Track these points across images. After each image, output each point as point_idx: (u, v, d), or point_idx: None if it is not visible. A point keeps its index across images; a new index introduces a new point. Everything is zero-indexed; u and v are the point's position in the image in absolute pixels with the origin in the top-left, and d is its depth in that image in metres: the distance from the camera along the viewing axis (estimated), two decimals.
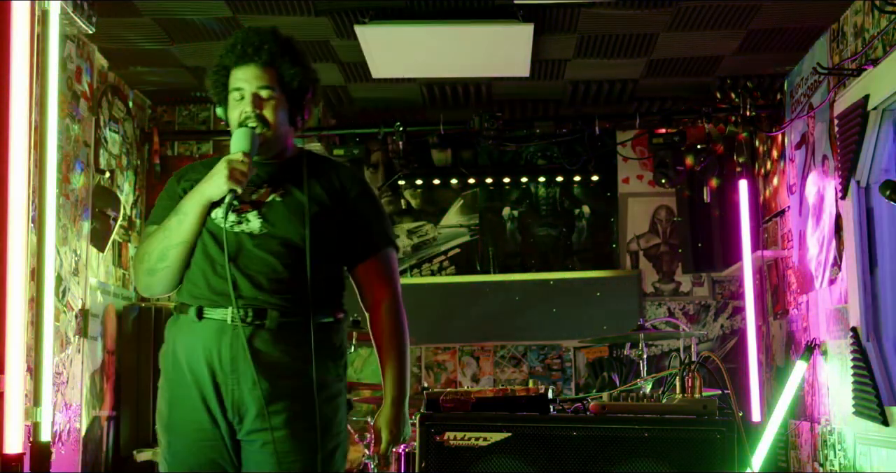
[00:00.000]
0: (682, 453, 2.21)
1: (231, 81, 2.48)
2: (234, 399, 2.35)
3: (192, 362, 2.38)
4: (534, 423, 2.26)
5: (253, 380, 2.32)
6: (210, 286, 2.39)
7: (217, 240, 2.40)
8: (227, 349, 2.35)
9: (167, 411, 2.43)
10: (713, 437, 2.22)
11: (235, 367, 2.35)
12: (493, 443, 2.23)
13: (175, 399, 2.41)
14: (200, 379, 2.37)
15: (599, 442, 2.23)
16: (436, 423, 2.24)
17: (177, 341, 2.43)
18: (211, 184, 2.38)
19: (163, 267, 2.42)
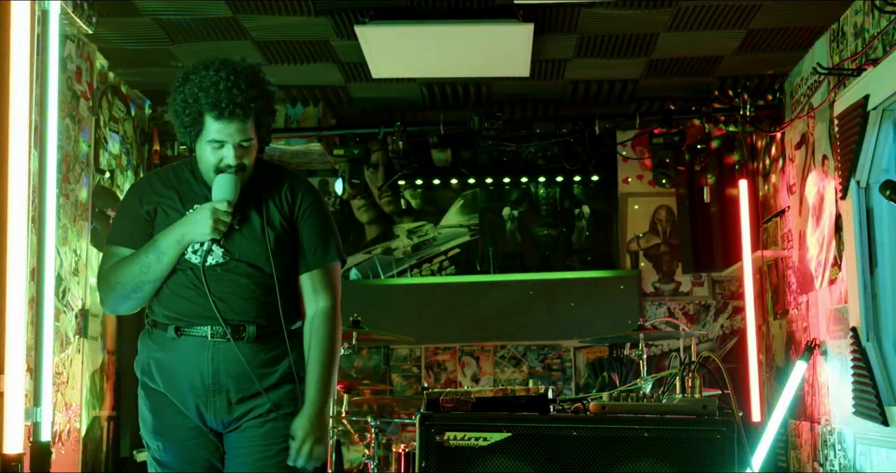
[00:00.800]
0: (682, 453, 2.21)
1: (209, 131, 2.52)
2: (217, 407, 2.54)
3: (172, 375, 2.56)
4: (534, 423, 2.26)
5: (236, 388, 2.53)
6: (187, 308, 2.55)
7: (190, 271, 2.55)
8: (207, 363, 2.52)
9: (151, 418, 2.59)
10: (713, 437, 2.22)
11: (217, 380, 2.53)
12: (493, 443, 2.23)
13: (157, 406, 2.58)
14: (181, 390, 2.55)
15: (599, 442, 2.23)
16: (436, 423, 2.24)
17: (152, 355, 2.59)
18: (193, 230, 2.51)
19: (136, 297, 2.58)
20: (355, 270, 6.44)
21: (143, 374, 2.62)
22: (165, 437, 2.58)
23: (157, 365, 2.58)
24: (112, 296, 2.59)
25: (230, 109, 2.47)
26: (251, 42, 4.83)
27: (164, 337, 2.57)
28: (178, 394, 2.56)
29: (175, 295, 2.58)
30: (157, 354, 2.59)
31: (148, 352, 2.61)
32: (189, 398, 2.55)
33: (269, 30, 4.66)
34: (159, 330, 2.59)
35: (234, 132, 2.50)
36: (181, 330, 2.55)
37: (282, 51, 4.94)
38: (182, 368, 2.54)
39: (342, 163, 5.82)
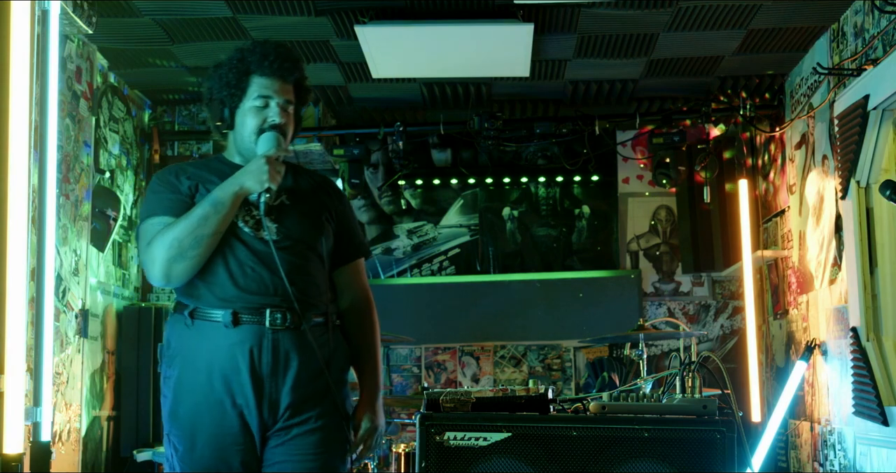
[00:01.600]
0: (682, 453, 2.21)
1: (255, 88, 2.50)
2: (272, 401, 2.39)
3: (224, 368, 2.39)
4: (534, 423, 2.26)
5: (293, 382, 2.39)
6: (241, 289, 2.40)
7: (245, 245, 2.42)
8: (267, 353, 2.39)
9: (190, 417, 2.42)
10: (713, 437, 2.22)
11: (276, 370, 2.39)
12: (493, 443, 2.23)
13: (200, 405, 2.41)
14: (234, 384, 2.39)
15: (599, 442, 2.23)
16: (436, 423, 2.24)
17: (201, 347, 2.42)
18: (250, 178, 2.40)
19: (194, 254, 2.38)
20: None
21: (183, 370, 2.44)
22: (204, 438, 2.40)
23: (199, 359, 2.42)
24: (166, 256, 2.38)
25: (278, 63, 2.49)
26: (251, 42, 4.82)
27: (213, 327, 2.41)
28: (226, 392, 2.39)
29: (226, 276, 2.42)
30: (204, 346, 2.41)
31: (192, 345, 2.43)
32: (241, 395, 2.39)
33: (269, 30, 4.66)
34: (205, 321, 2.42)
35: (280, 89, 2.49)
36: (238, 317, 2.40)
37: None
38: (234, 361, 2.39)
39: (342, 163, 5.82)
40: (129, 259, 5.51)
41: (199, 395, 2.41)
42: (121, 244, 5.36)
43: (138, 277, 5.68)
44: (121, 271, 5.36)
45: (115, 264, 5.27)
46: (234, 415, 2.39)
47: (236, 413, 2.39)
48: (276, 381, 2.39)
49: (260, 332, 2.39)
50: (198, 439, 2.40)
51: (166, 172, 2.58)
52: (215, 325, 2.41)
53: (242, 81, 2.50)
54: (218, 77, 2.54)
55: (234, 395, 2.38)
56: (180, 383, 2.44)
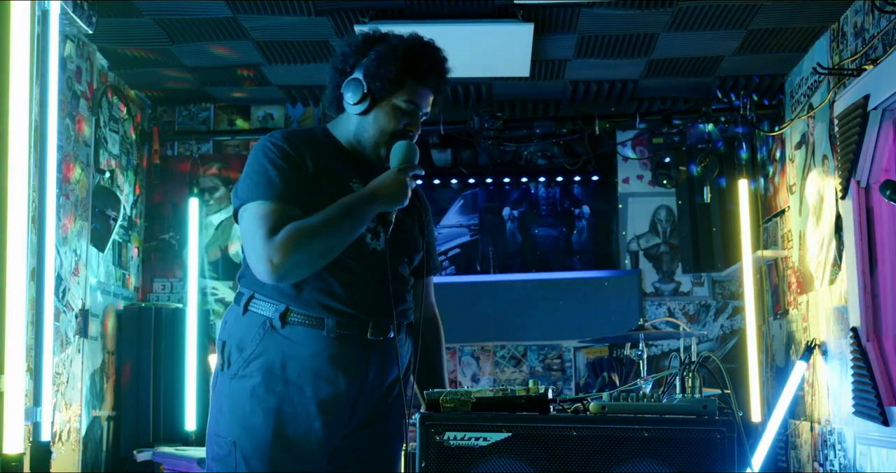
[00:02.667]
0: (682, 453, 2.21)
1: (408, 92, 2.40)
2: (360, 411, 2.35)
3: (319, 381, 2.27)
4: (534, 423, 2.26)
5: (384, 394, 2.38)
6: (350, 299, 2.29)
7: (358, 253, 2.31)
8: (374, 365, 2.33)
9: (272, 430, 2.26)
10: (713, 437, 2.22)
11: (376, 382, 2.35)
12: (493, 443, 2.23)
13: (286, 416, 2.26)
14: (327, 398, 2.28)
15: (599, 442, 2.23)
16: (436, 423, 2.24)
17: (295, 354, 2.27)
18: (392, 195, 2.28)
19: (319, 263, 2.24)
20: None
21: (268, 377, 2.26)
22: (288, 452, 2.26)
23: (290, 367, 2.26)
24: (293, 259, 2.18)
25: (439, 77, 2.45)
26: (251, 42, 4.83)
27: (309, 333, 2.26)
28: (317, 406, 2.26)
29: (337, 282, 2.28)
30: (297, 353, 2.26)
31: (283, 351, 2.26)
32: (334, 412, 2.28)
33: (269, 30, 4.66)
34: (300, 323, 2.27)
35: (428, 104, 2.45)
36: (339, 326, 2.27)
37: (282, 51, 4.94)
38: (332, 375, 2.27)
39: None
40: (129, 259, 5.51)
41: (284, 407, 2.26)
42: (121, 244, 5.36)
43: (138, 277, 5.68)
44: (121, 271, 5.37)
45: (115, 264, 5.27)
46: (319, 429, 2.27)
47: (322, 428, 2.28)
48: (371, 393, 2.35)
49: (363, 345, 2.30)
50: (274, 451, 2.25)
51: (281, 141, 2.34)
52: (314, 333, 2.27)
53: (399, 79, 2.38)
54: (375, 63, 2.37)
55: (326, 411, 2.27)
56: (260, 392, 2.26)
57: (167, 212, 5.87)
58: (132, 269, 5.55)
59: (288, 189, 2.25)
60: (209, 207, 5.90)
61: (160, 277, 5.82)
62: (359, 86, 2.37)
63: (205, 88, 5.63)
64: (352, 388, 2.30)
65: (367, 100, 2.37)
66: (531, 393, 2.27)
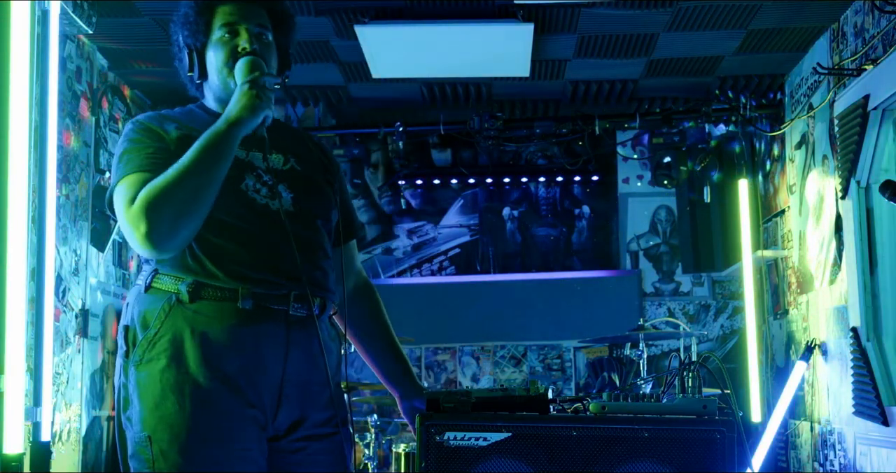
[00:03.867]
0: (682, 453, 2.21)
1: (220, 17, 2.11)
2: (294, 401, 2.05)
3: (238, 361, 1.98)
4: (534, 423, 2.26)
5: (323, 380, 2.07)
6: (255, 265, 2.00)
7: (257, 215, 2.04)
8: (297, 345, 2.04)
9: (189, 417, 1.95)
10: (713, 437, 2.22)
11: (301, 365, 2.05)
12: (493, 443, 2.23)
13: (198, 404, 1.96)
14: (249, 381, 1.99)
15: (599, 442, 2.23)
16: (436, 423, 2.24)
17: (204, 329, 1.97)
18: (237, 108, 2.00)
19: (195, 209, 1.94)
20: None
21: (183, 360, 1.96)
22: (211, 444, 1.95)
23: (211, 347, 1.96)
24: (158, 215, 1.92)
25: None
26: None
27: (222, 308, 1.98)
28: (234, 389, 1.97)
29: (239, 248, 2.00)
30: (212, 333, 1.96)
31: (185, 325, 1.97)
32: (256, 395, 1.99)
33: None
34: (211, 298, 1.98)
35: (247, 14, 2.10)
36: (258, 299, 1.98)
37: None
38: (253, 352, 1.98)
39: (342, 163, 5.82)
40: (129, 259, 5.51)
41: (199, 389, 1.96)
42: (121, 244, 5.36)
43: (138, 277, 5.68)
44: (121, 271, 5.36)
45: (115, 264, 5.27)
46: (245, 417, 1.99)
47: (248, 415, 1.99)
48: (302, 378, 2.04)
49: (284, 320, 2.01)
50: (193, 440, 1.94)
51: (146, 119, 2.13)
52: (226, 306, 1.98)
53: (205, 15, 2.11)
54: (180, 20, 2.14)
55: (248, 395, 1.98)
56: (169, 376, 1.96)
57: None
58: (132, 269, 5.55)
59: (146, 160, 2.01)
60: None
61: None
62: (180, 50, 2.17)
63: None
64: (274, 367, 2.00)
65: (193, 56, 2.14)
66: (531, 393, 2.27)
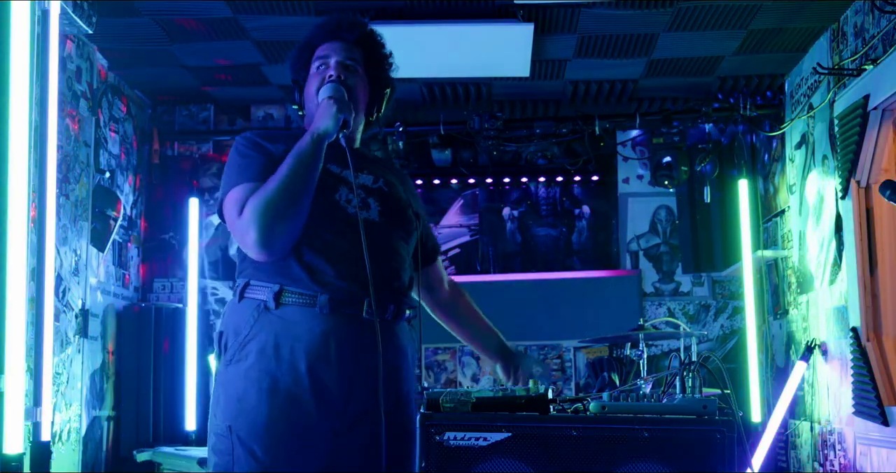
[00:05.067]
0: (682, 453, 2.21)
1: (315, 54, 2.43)
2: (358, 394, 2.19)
3: (312, 359, 2.17)
4: (534, 423, 2.26)
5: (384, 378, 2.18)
6: (340, 273, 2.20)
7: (343, 224, 2.23)
8: (364, 347, 2.18)
9: (266, 410, 2.14)
10: (713, 437, 2.22)
11: (371, 365, 2.18)
12: (493, 443, 2.23)
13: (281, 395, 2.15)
14: (322, 378, 2.17)
15: (599, 442, 2.23)
16: (436, 423, 2.24)
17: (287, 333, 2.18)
18: (319, 120, 2.24)
19: (292, 213, 2.16)
20: None
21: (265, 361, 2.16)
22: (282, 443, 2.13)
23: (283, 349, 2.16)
24: (264, 220, 2.13)
25: (335, 27, 2.45)
26: (251, 42, 4.83)
27: (304, 314, 2.17)
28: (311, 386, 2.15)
29: (322, 256, 2.20)
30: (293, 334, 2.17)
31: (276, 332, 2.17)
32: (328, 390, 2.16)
33: (269, 30, 4.66)
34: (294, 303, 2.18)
35: (339, 49, 2.40)
36: (335, 304, 2.18)
37: (282, 51, 4.94)
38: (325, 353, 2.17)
39: None
40: (129, 259, 5.51)
41: (278, 385, 2.15)
42: (121, 244, 5.36)
43: (138, 277, 5.68)
44: (121, 271, 5.36)
45: (115, 264, 5.27)
46: (313, 408, 2.15)
47: (316, 406, 2.15)
48: (367, 377, 2.18)
49: (359, 323, 2.19)
50: (270, 431, 2.14)
51: (253, 134, 2.38)
52: (307, 311, 2.18)
53: (306, 54, 2.43)
54: (290, 62, 2.48)
55: (320, 388, 2.16)
56: (254, 373, 2.16)
57: (167, 212, 5.87)
58: (132, 269, 5.55)
59: (255, 171, 2.24)
60: (209, 207, 5.90)
61: (160, 277, 5.82)
62: (293, 88, 2.46)
63: (205, 88, 5.63)
64: (345, 366, 2.18)
65: (296, 95, 2.44)
66: (531, 393, 2.27)
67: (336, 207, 2.25)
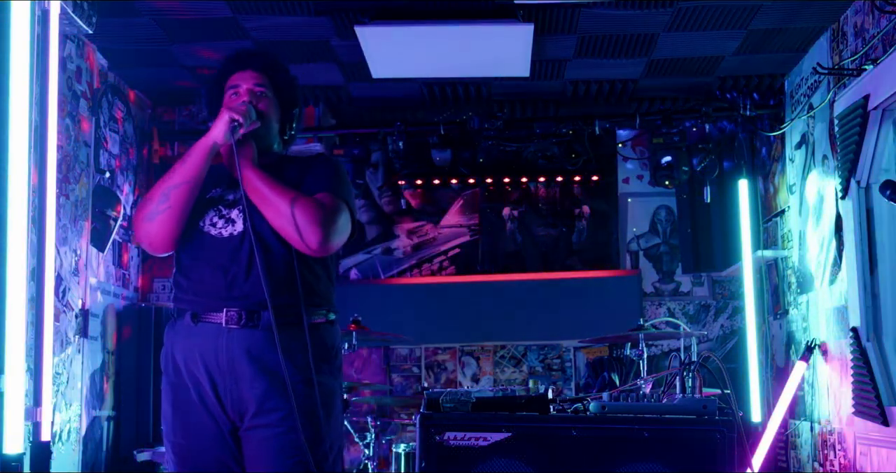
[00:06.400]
0: (682, 453, 2.22)
1: (227, 84, 2.63)
2: (233, 399, 2.41)
3: (190, 365, 2.44)
4: (534, 423, 2.26)
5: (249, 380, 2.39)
6: (204, 289, 2.45)
7: (210, 246, 2.46)
8: (224, 352, 2.41)
9: (171, 413, 2.48)
10: (713, 437, 2.22)
11: (233, 368, 2.41)
12: (493, 443, 2.23)
13: (177, 402, 2.46)
14: (199, 382, 2.43)
15: (599, 442, 2.23)
16: (436, 423, 2.24)
17: (175, 345, 2.48)
18: (213, 127, 2.48)
19: (164, 208, 2.44)
20: (355, 270, 6.44)
21: (165, 367, 2.51)
22: (182, 434, 2.47)
23: (175, 357, 2.47)
24: (140, 217, 2.48)
25: (241, 58, 2.64)
26: (251, 42, 4.83)
27: (184, 325, 2.47)
28: (193, 386, 2.45)
29: (195, 275, 2.48)
30: (177, 344, 2.48)
31: (170, 343, 2.50)
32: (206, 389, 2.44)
33: (269, 30, 4.66)
34: (180, 320, 2.49)
35: (248, 78, 2.60)
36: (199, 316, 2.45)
37: (282, 51, 4.94)
38: (196, 358, 2.44)
39: (343, 163, 5.81)
40: (129, 259, 5.51)
41: (176, 393, 2.47)
42: (121, 244, 5.36)
43: (138, 277, 5.68)
44: (121, 271, 5.36)
45: (115, 264, 5.27)
46: (203, 412, 2.43)
47: (205, 410, 2.43)
48: (236, 379, 2.41)
49: (217, 332, 2.42)
50: (177, 434, 2.46)
51: None
52: (185, 324, 2.46)
53: (219, 87, 2.63)
54: (204, 96, 2.70)
55: (201, 391, 2.43)
56: (165, 380, 2.51)
57: None
58: (132, 269, 5.55)
59: None
60: None
61: (160, 277, 5.82)
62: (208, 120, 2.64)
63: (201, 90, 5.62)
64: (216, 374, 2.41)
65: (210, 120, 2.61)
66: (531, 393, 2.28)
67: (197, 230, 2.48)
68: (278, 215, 2.41)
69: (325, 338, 2.51)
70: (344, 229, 2.48)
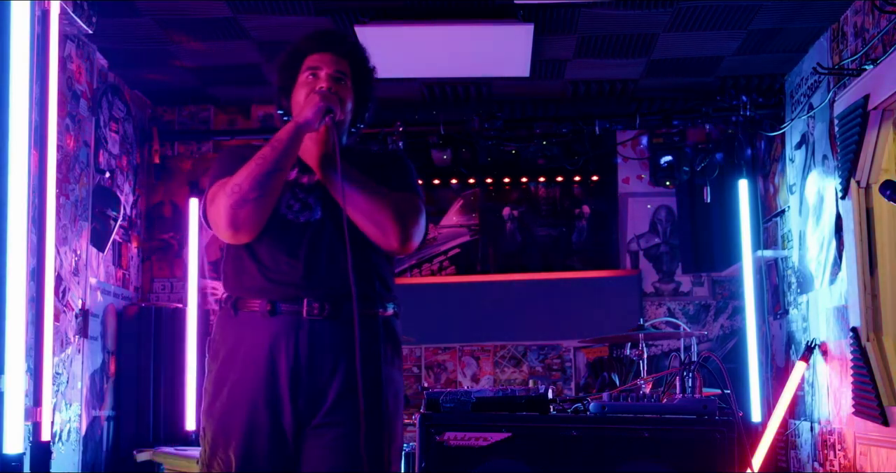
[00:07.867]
0: (682, 453, 2.22)
1: (305, 63, 2.50)
2: (309, 394, 2.28)
3: (259, 359, 2.28)
4: (534, 423, 2.26)
5: (329, 373, 2.28)
6: (279, 276, 2.31)
7: (286, 231, 2.33)
8: (304, 344, 2.28)
9: (226, 413, 2.29)
10: (713, 437, 2.22)
11: (312, 362, 2.28)
12: (493, 443, 2.23)
13: (235, 400, 2.28)
14: (268, 377, 2.27)
15: (599, 442, 2.23)
16: (436, 423, 2.24)
17: (242, 338, 2.31)
18: (303, 110, 2.35)
19: (256, 195, 2.26)
20: None
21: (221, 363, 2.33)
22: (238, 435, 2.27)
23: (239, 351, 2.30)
24: (226, 204, 2.26)
25: (325, 39, 2.51)
26: (251, 42, 4.83)
27: (252, 317, 2.30)
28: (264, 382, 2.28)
29: (267, 263, 2.32)
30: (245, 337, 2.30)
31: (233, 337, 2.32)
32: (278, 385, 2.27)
33: (269, 30, 4.66)
34: (244, 311, 2.32)
35: (329, 61, 2.47)
36: (275, 306, 2.29)
37: (282, 51, 4.94)
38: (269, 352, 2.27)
39: None
40: (129, 259, 5.51)
41: (237, 391, 2.28)
42: (121, 244, 5.36)
43: (138, 277, 5.68)
44: (121, 271, 5.36)
45: (115, 264, 5.27)
46: (265, 411, 2.26)
47: (269, 409, 2.26)
48: (314, 373, 2.28)
49: (296, 323, 2.28)
50: (232, 435, 2.27)
51: (238, 146, 2.52)
52: (255, 315, 2.30)
53: (295, 63, 2.50)
54: (277, 68, 2.55)
55: (271, 388, 2.27)
56: (221, 377, 2.32)
57: (167, 212, 5.87)
58: (132, 269, 5.55)
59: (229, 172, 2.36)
60: None
61: (160, 277, 5.82)
62: (277, 98, 2.53)
63: (205, 88, 5.62)
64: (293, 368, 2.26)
65: (282, 102, 2.51)
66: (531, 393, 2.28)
67: (277, 217, 2.33)
68: (369, 211, 2.33)
69: (398, 331, 2.51)
70: (423, 230, 2.44)
